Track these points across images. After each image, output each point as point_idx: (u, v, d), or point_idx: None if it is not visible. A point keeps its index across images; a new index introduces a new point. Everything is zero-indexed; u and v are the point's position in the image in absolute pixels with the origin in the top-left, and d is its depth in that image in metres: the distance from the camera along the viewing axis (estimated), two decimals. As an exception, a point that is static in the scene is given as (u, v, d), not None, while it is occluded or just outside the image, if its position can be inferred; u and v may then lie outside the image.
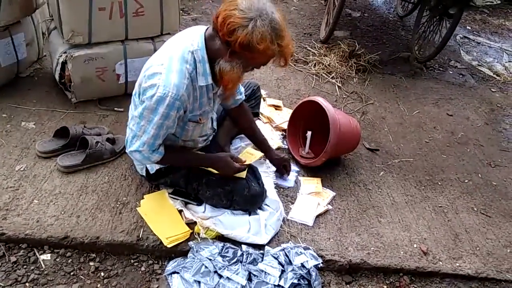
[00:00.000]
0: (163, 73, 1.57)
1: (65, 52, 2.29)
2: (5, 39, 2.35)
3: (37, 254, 1.70)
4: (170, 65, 1.58)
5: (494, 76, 3.83)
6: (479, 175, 2.58)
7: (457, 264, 1.97)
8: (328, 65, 3.39)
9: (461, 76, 3.75)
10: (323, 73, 3.30)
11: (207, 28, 1.65)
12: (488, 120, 3.16)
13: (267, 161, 2.25)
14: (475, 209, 2.31)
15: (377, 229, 2.05)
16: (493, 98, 3.46)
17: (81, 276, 1.67)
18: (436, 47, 3.46)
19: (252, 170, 1.99)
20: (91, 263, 1.72)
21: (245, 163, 1.91)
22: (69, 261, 1.71)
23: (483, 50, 4.31)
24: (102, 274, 1.70)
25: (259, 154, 2.15)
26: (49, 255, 1.71)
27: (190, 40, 1.63)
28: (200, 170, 1.89)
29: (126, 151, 1.77)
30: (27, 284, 1.60)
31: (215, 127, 2.06)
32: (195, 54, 1.62)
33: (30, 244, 1.72)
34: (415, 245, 2.01)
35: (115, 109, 2.46)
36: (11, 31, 2.37)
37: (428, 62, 3.75)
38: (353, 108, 3.00)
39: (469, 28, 4.71)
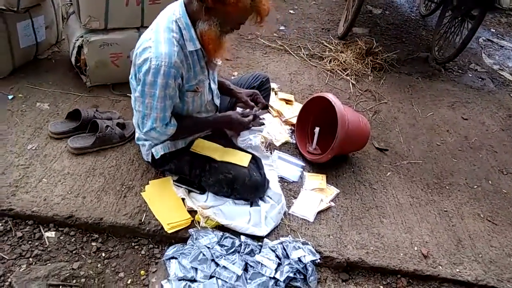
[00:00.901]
0: (152, 46, 1.62)
1: (81, 36, 2.34)
2: (25, 21, 2.41)
3: (42, 231, 1.76)
4: (157, 37, 1.63)
5: (515, 81, 3.74)
6: (490, 181, 2.54)
7: (457, 270, 1.95)
8: (344, 61, 3.36)
9: (480, 79, 3.66)
10: (338, 69, 3.28)
11: None
12: (504, 126, 3.09)
13: (272, 155, 2.26)
14: (482, 215, 2.28)
15: (379, 229, 2.05)
16: (511, 104, 3.38)
17: (83, 255, 1.72)
18: (456, 48, 3.40)
19: (255, 160, 2.01)
20: (93, 243, 1.77)
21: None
22: (72, 240, 1.76)
23: (506, 54, 4.20)
24: (103, 254, 1.75)
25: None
26: (53, 232, 1.76)
27: (171, 10, 1.70)
28: (203, 157, 1.92)
29: (141, 133, 1.81)
30: (30, 259, 1.66)
31: (218, 104, 2.07)
32: (178, 22, 1.67)
33: (36, 221, 1.78)
34: (415, 248, 1.99)
35: (128, 95, 2.50)
36: (31, 13, 2.43)
37: (447, 64, 3.68)
38: (366, 106, 2.97)
39: (493, 30, 4.59)
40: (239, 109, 2.18)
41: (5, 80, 2.41)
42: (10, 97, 2.30)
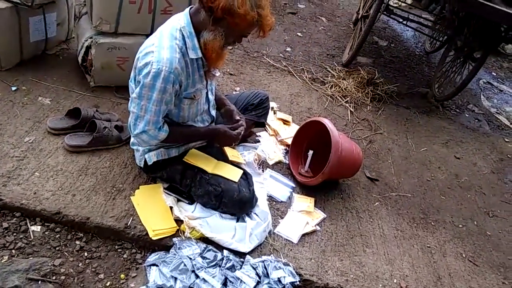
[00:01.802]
0: (155, 51, 1.67)
1: (91, 37, 2.39)
2: (38, 17, 2.46)
3: (28, 224, 1.77)
4: (160, 43, 1.69)
5: (511, 126, 3.80)
6: (475, 222, 2.57)
7: (434, 307, 1.97)
8: (345, 88, 3.42)
9: (476, 120, 3.73)
10: (338, 96, 3.34)
11: (191, 7, 1.77)
12: (495, 169, 3.14)
13: (264, 173, 2.29)
14: (464, 255, 2.30)
15: (361, 258, 2.07)
16: (505, 148, 3.43)
17: (65, 253, 1.73)
18: (456, 87, 3.47)
19: (246, 176, 2.04)
20: (77, 242, 1.79)
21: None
22: (57, 236, 1.78)
23: (504, 98, 4.27)
24: (86, 254, 1.76)
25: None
26: (39, 227, 1.78)
27: (176, 19, 1.76)
28: (195, 168, 1.95)
29: (132, 135, 1.83)
30: (13, 251, 1.67)
31: (214, 115, 2.11)
32: (183, 31, 1.73)
33: (24, 214, 1.79)
34: (395, 280, 2.01)
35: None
36: (44, 9, 2.48)
37: (445, 102, 3.75)
38: (361, 135, 3.02)
39: (494, 74, 4.68)
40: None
41: (11, 71, 2.44)
42: (13, 88, 2.34)
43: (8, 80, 2.38)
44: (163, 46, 1.69)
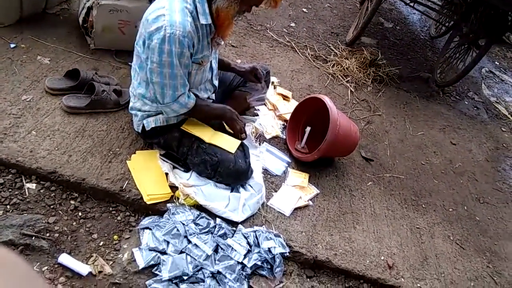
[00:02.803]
0: (166, 15, 1.64)
1: (93, -2, 2.34)
2: (39, -27, 2.41)
3: (24, 181, 1.78)
4: (171, 6, 1.65)
5: (509, 116, 3.81)
6: (465, 207, 2.61)
7: (418, 285, 2.01)
8: (347, 68, 3.40)
9: (475, 108, 3.73)
10: (339, 75, 3.32)
11: None
12: (489, 157, 3.17)
13: (261, 146, 2.30)
14: (451, 238, 2.35)
15: (350, 234, 2.10)
16: (501, 137, 3.45)
17: (60, 211, 1.75)
18: (457, 74, 3.45)
19: (243, 148, 2.04)
20: (72, 202, 1.80)
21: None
22: (52, 194, 1.79)
23: (505, 88, 4.27)
24: (80, 214, 1.78)
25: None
26: (34, 185, 1.79)
27: None
28: (192, 137, 1.95)
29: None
30: (8, 206, 1.69)
31: (216, 85, 2.10)
32: None
33: (20, 171, 1.80)
34: (382, 257, 2.06)
35: (129, 63, 2.50)
36: (46, -34, 2.43)
37: (446, 88, 3.74)
38: (360, 115, 3.02)
39: (497, 63, 4.66)
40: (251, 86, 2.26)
41: (10, 28, 2.40)
42: (12, 45, 2.30)
43: (7, 37, 2.34)
44: (174, 9, 1.65)
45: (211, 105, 2.03)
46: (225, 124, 2.11)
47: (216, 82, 2.09)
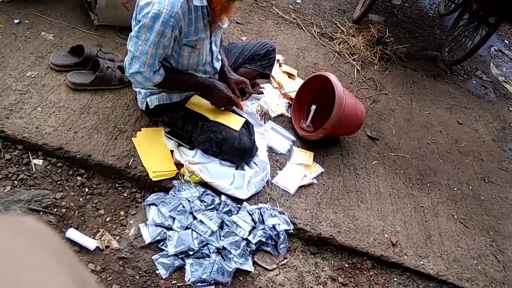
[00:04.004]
0: None
1: (96, -27, 2.30)
2: None
3: (30, 157, 1.79)
4: None
5: (517, 96, 3.76)
6: (470, 186, 2.60)
7: (421, 262, 2.03)
8: (353, 46, 3.35)
9: (483, 88, 3.68)
10: (346, 53, 3.27)
11: None
12: (496, 137, 3.14)
13: (266, 124, 2.29)
14: (456, 217, 2.35)
15: (354, 212, 2.11)
16: (508, 117, 3.42)
17: (66, 187, 1.77)
18: (466, 53, 3.39)
19: (248, 125, 2.04)
20: (78, 178, 1.82)
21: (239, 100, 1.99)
22: (59, 171, 1.81)
23: (514, 68, 4.20)
24: (86, 190, 1.80)
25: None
26: (41, 161, 1.80)
27: None
28: (197, 114, 1.94)
29: (126, 74, 1.79)
30: (15, 181, 1.70)
31: (217, 67, 2.06)
32: None
33: (26, 147, 1.81)
34: (386, 235, 2.07)
35: (134, 40, 2.49)
36: None
37: (454, 67, 3.68)
38: (366, 94, 2.99)
39: (507, 42, 4.57)
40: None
41: (14, 4, 2.38)
42: (16, 21, 2.28)
43: (11, 12, 2.32)
44: None
45: (195, 76, 1.94)
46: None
47: (217, 64, 2.04)
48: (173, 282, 1.64)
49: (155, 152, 1.94)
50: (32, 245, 0.35)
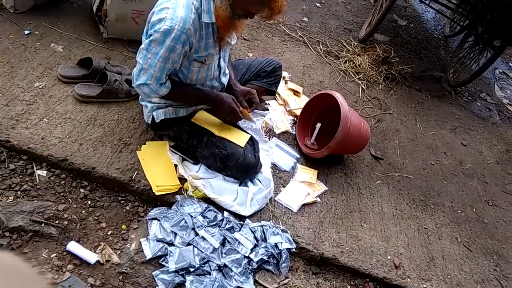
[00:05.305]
0: (170, 8, 1.64)
1: (107, -13, 2.34)
2: (54, -40, 2.41)
3: (34, 168, 1.79)
4: (178, 0, 1.65)
5: (521, 118, 3.76)
6: (474, 209, 2.59)
7: (424, 286, 2.00)
8: (359, 65, 3.37)
9: (487, 110, 3.69)
10: (351, 71, 3.29)
11: None
12: (500, 160, 3.13)
13: (270, 141, 2.29)
14: (459, 240, 2.33)
15: (357, 232, 2.10)
16: (512, 140, 3.41)
17: (69, 199, 1.76)
18: (471, 75, 3.41)
19: (252, 142, 2.04)
20: (82, 190, 1.81)
21: (245, 115, 2.00)
22: (62, 182, 1.80)
23: (519, 90, 4.21)
24: (89, 202, 1.79)
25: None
26: (45, 172, 1.80)
27: None
28: (202, 129, 1.95)
29: (133, 85, 1.81)
30: (18, 192, 1.70)
31: (224, 82, 2.07)
32: None
33: (31, 158, 1.81)
34: (389, 257, 2.05)
35: (141, 54, 2.51)
36: (62, -47, 2.42)
37: (458, 88, 3.70)
38: (371, 113, 3.00)
39: (511, 65, 4.59)
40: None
41: (25, 15, 2.41)
42: (26, 32, 2.31)
43: (21, 24, 2.35)
44: (180, 4, 1.65)
45: (202, 89, 1.95)
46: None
47: (224, 80, 2.06)
48: (173, 299, 1.62)
49: (159, 166, 1.94)
50: (4, 284, 0.35)
